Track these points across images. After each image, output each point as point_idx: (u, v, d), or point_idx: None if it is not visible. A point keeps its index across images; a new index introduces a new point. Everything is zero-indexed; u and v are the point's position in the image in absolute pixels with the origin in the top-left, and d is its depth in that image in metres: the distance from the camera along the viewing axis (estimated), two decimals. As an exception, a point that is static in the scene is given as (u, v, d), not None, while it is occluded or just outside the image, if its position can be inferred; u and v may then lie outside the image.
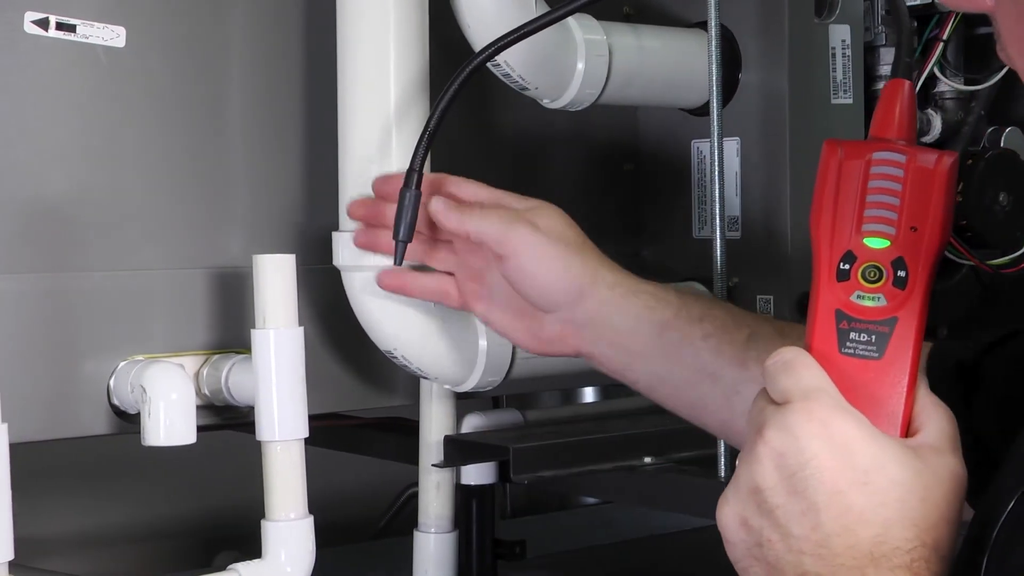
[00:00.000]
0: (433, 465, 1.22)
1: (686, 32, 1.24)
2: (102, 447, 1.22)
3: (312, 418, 0.99)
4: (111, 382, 1.00)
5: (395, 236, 0.94)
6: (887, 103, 0.74)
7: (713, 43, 1.14)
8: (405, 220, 0.94)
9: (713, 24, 1.13)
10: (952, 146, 1.28)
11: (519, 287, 0.93)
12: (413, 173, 0.94)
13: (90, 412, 1.00)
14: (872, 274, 0.69)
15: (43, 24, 0.97)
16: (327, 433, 1.33)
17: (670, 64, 1.21)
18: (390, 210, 0.95)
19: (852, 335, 0.69)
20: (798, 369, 0.67)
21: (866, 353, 0.69)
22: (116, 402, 1.01)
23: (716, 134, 1.15)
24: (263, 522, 0.98)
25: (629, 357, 0.93)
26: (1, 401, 0.85)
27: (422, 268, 1.01)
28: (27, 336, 0.97)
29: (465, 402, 1.25)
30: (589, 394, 1.84)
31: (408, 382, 1.18)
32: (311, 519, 0.99)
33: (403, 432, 1.33)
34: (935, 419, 0.67)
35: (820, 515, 0.64)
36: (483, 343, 1.08)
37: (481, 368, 1.08)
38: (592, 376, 1.22)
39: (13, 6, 0.96)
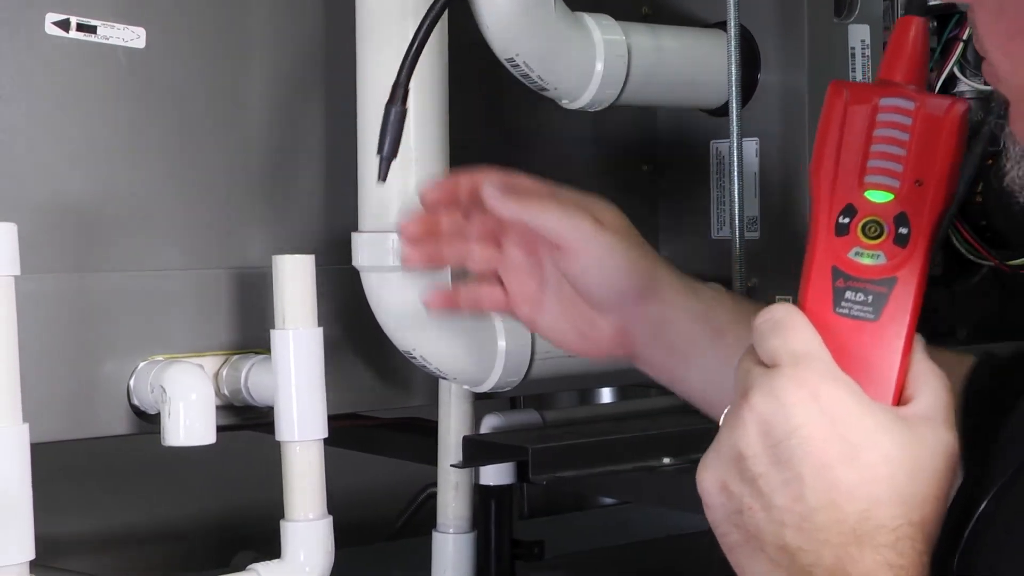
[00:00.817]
0: (452, 465, 1.22)
1: (705, 32, 1.24)
2: (122, 447, 1.22)
3: (331, 418, 1.00)
4: (131, 382, 1.01)
5: (379, 152, 0.89)
6: (897, 42, 0.69)
7: (732, 43, 1.13)
8: (390, 136, 0.89)
9: (732, 24, 1.13)
10: (972, 146, 1.27)
11: (579, 283, 0.87)
12: (399, 88, 0.90)
13: (110, 412, 1.00)
14: (872, 230, 0.65)
15: (64, 25, 0.98)
16: (346, 433, 1.33)
17: (689, 64, 1.21)
18: (444, 225, 0.88)
19: (848, 294, 0.65)
20: (789, 330, 0.64)
21: (861, 314, 0.65)
22: (136, 402, 1.01)
23: (735, 134, 1.15)
24: (282, 522, 0.99)
25: (684, 360, 0.89)
26: (22, 401, 0.86)
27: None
28: (47, 336, 0.97)
29: (483, 402, 1.25)
30: (607, 394, 1.84)
31: (427, 382, 1.18)
32: (330, 519, 0.99)
33: (421, 432, 1.33)
34: (930, 387, 0.64)
35: (804, 487, 0.62)
36: (502, 343, 1.08)
37: (500, 368, 1.08)
38: (610, 376, 1.22)
39: (34, 7, 0.96)
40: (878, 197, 0.65)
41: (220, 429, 0.98)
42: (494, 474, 1.27)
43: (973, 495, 0.67)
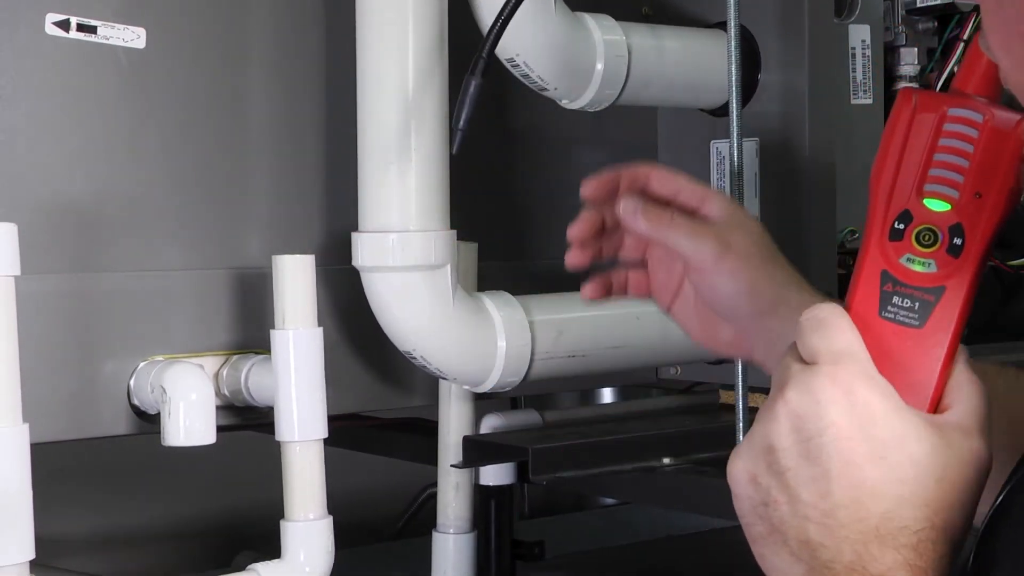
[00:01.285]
0: (452, 466, 1.22)
1: (705, 32, 1.24)
2: (122, 447, 1.22)
3: (331, 418, 1.00)
4: (131, 382, 1.01)
5: (454, 123, 0.90)
6: (974, 56, 0.68)
7: (732, 43, 1.13)
8: (466, 108, 0.90)
9: (732, 24, 1.13)
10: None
11: (704, 297, 0.90)
12: (480, 60, 0.90)
13: (110, 412, 1.00)
14: (927, 237, 0.65)
15: (64, 25, 0.98)
16: (346, 433, 1.33)
17: (689, 64, 1.21)
18: (610, 230, 0.90)
19: (895, 299, 0.65)
20: (831, 329, 0.64)
21: (907, 320, 0.65)
22: (136, 402, 1.01)
23: (735, 135, 1.15)
24: (282, 522, 0.99)
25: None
26: (22, 401, 0.86)
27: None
28: (48, 336, 0.97)
29: (484, 403, 1.25)
30: (607, 395, 1.84)
31: (427, 383, 1.18)
32: (330, 519, 0.99)
33: (422, 432, 1.33)
34: (967, 397, 0.65)
35: (831, 484, 0.62)
36: (502, 344, 1.08)
37: (500, 369, 1.08)
38: (610, 377, 1.22)
39: (34, 7, 0.97)
40: (936, 206, 0.65)
41: (220, 429, 0.98)
42: (494, 474, 1.27)
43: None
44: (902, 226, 0.66)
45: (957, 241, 0.65)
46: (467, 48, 1.06)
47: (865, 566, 0.62)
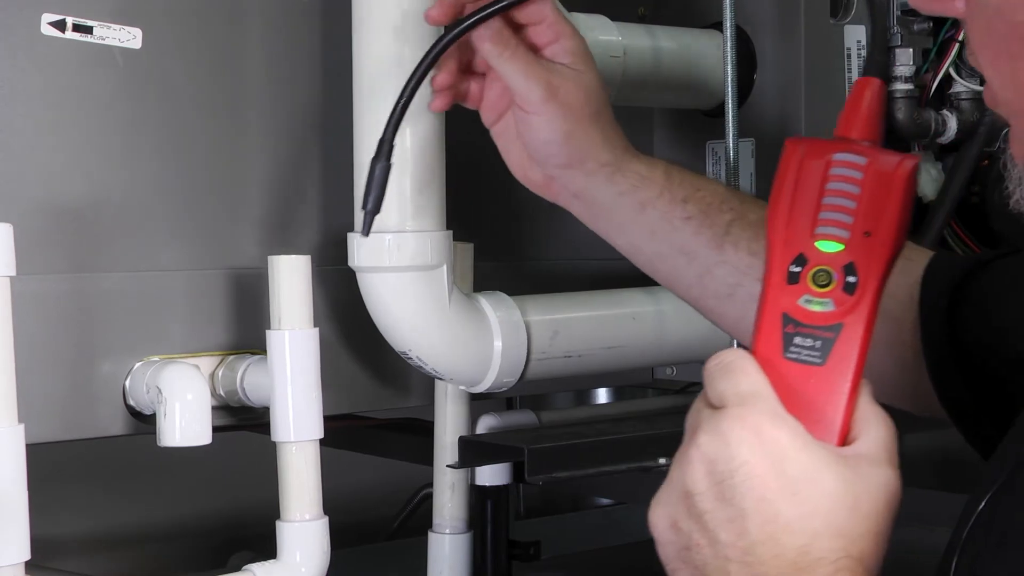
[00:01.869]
0: (448, 466, 1.22)
1: (701, 33, 1.24)
2: (118, 448, 1.22)
3: (327, 419, 1.00)
4: (127, 383, 1.01)
5: (363, 207, 0.92)
6: (854, 101, 0.73)
7: (728, 44, 1.13)
8: (374, 192, 0.91)
9: (728, 25, 1.13)
10: (968, 147, 1.27)
11: (520, 135, 0.94)
12: (384, 144, 0.92)
13: (106, 413, 1.00)
14: (822, 278, 0.68)
15: (60, 26, 0.98)
16: (342, 434, 1.33)
17: (685, 65, 1.21)
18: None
19: (797, 339, 0.67)
20: (737, 373, 0.67)
21: (809, 358, 0.67)
22: (132, 403, 1.01)
23: (731, 135, 1.15)
24: (278, 523, 0.99)
25: (607, 225, 0.96)
26: (18, 402, 0.86)
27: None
28: (43, 337, 0.97)
29: (479, 403, 1.25)
30: (603, 395, 1.84)
31: (423, 383, 1.18)
32: (326, 520, 0.99)
33: (418, 433, 1.33)
34: (874, 428, 0.67)
35: (747, 522, 0.64)
36: (498, 344, 1.08)
37: (496, 369, 1.08)
38: (606, 378, 1.22)
39: (30, 7, 0.96)
40: (828, 247, 0.68)
41: (216, 430, 0.98)
42: (490, 474, 1.27)
43: (972, 495, 0.68)
44: (798, 269, 0.68)
45: (851, 279, 0.67)
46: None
47: None
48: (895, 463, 0.66)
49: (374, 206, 0.91)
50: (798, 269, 0.68)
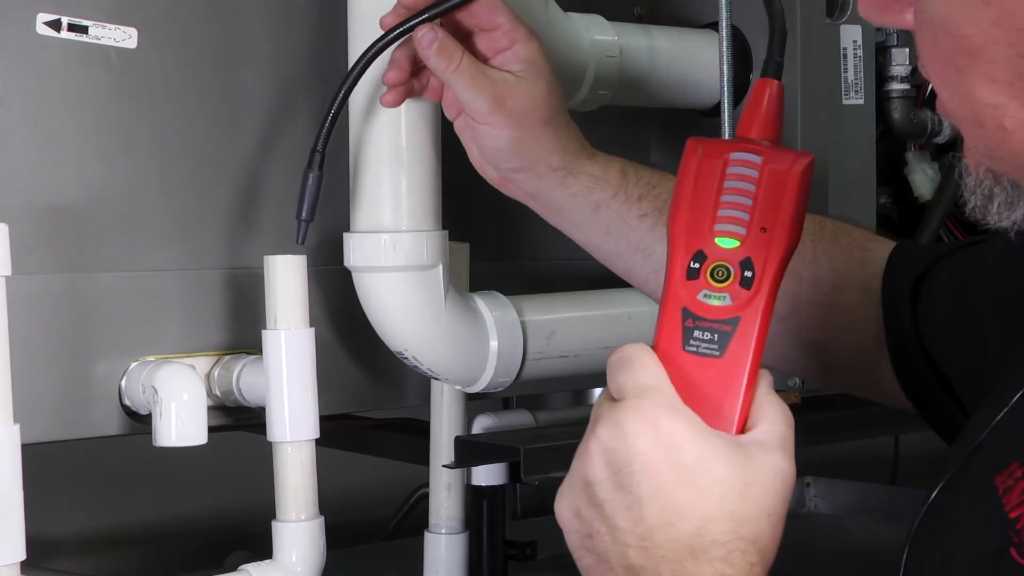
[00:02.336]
0: (444, 466, 1.22)
1: (697, 33, 1.24)
2: (114, 448, 1.22)
3: (323, 419, 1.00)
4: (123, 383, 1.01)
5: (297, 216, 0.95)
6: (753, 103, 0.75)
7: (724, 43, 1.13)
8: (307, 201, 0.94)
9: (724, 24, 1.13)
10: (961, 147, 1.27)
11: (472, 138, 0.96)
12: (316, 154, 0.95)
13: (102, 413, 1.00)
14: (720, 273, 0.70)
15: (55, 25, 0.98)
16: (338, 434, 1.33)
17: (681, 65, 1.21)
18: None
19: (696, 333, 0.70)
20: (636, 367, 0.69)
21: (708, 351, 0.69)
22: (128, 403, 1.01)
23: (727, 134, 1.15)
24: (274, 523, 0.99)
25: (563, 224, 0.99)
26: (13, 402, 0.86)
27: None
28: (39, 337, 0.97)
29: (475, 403, 1.25)
30: (599, 395, 1.84)
31: (419, 383, 1.18)
32: (322, 520, 0.99)
33: (414, 433, 1.33)
34: (769, 417, 0.69)
35: (644, 509, 0.66)
36: (494, 344, 1.08)
37: (492, 369, 1.08)
38: (603, 378, 1.21)
39: (26, 7, 0.96)
40: (726, 243, 0.70)
41: (212, 430, 0.98)
42: (486, 474, 1.27)
43: (929, 487, 0.70)
44: (697, 265, 0.70)
45: (748, 274, 0.70)
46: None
47: None
48: (789, 450, 0.69)
49: (308, 215, 0.95)
50: (697, 265, 0.70)
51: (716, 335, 0.69)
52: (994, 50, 0.58)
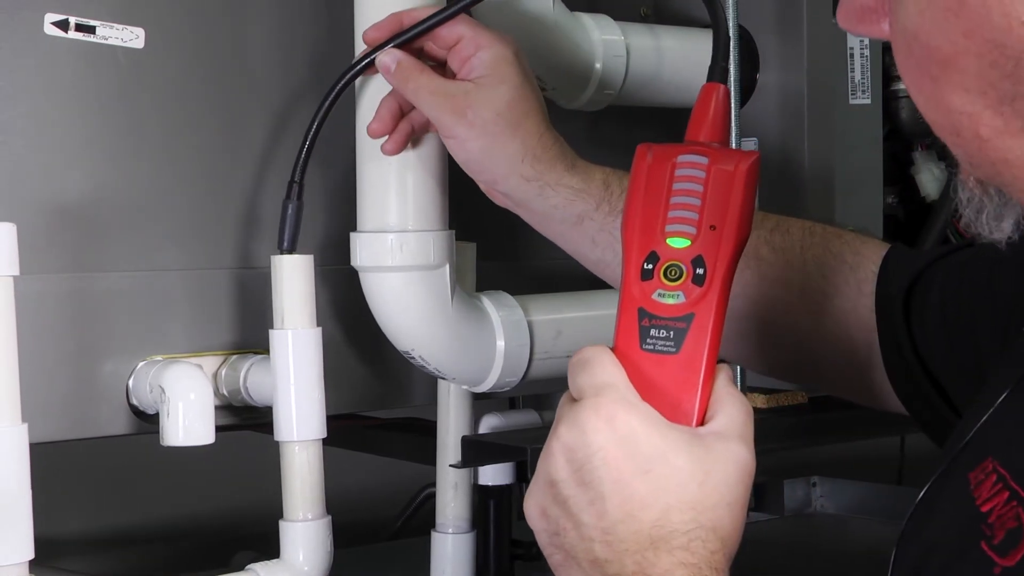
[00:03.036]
0: (451, 466, 1.22)
1: (704, 32, 1.24)
2: (121, 447, 1.22)
3: (330, 418, 1.00)
4: (130, 382, 1.01)
5: (279, 245, 0.98)
6: (701, 107, 0.78)
7: (731, 44, 1.13)
8: (288, 232, 0.98)
9: (731, 25, 1.13)
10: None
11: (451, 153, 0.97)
12: (294, 185, 0.97)
13: (109, 412, 1.00)
14: (673, 272, 0.72)
15: (63, 25, 0.98)
16: (345, 433, 1.33)
17: (688, 65, 1.21)
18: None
19: (652, 331, 0.71)
20: (594, 366, 0.71)
21: (664, 348, 0.71)
22: (135, 402, 1.01)
23: (734, 135, 1.15)
24: (281, 522, 0.99)
25: (548, 234, 0.99)
26: (21, 401, 0.86)
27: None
28: (47, 336, 0.97)
29: (482, 403, 1.25)
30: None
31: (425, 382, 1.18)
32: (328, 519, 0.99)
33: (420, 432, 1.34)
34: (727, 409, 0.70)
35: (606, 504, 0.68)
36: (501, 343, 1.08)
37: (499, 369, 1.08)
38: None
39: (33, 7, 0.97)
40: (678, 243, 0.72)
41: (219, 429, 0.98)
42: (493, 474, 1.27)
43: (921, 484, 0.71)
44: (651, 266, 0.72)
45: (700, 271, 0.72)
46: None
47: (646, 572, 0.67)
48: (748, 439, 0.70)
49: (289, 245, 0.98)
50: (651, 266, 0.72)
51: (672, 332, 0.71)
52: (965, 60, 0.58)
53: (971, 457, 0.67)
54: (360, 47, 1.01)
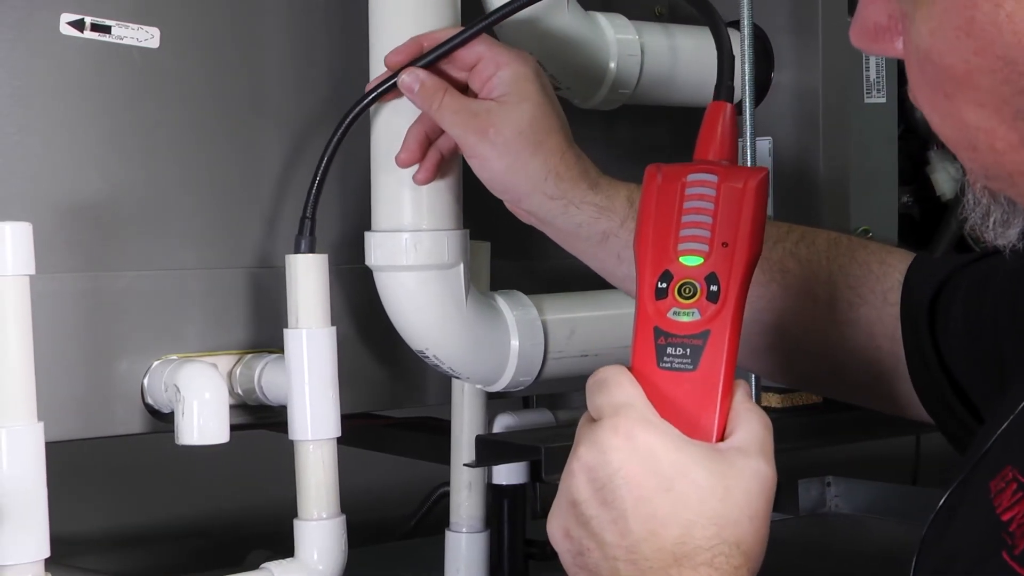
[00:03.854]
0: (465, 465, 1.22)
1: (718, 31, 1.24)
2: (136, 446, 1.22)
3: (344, 417, 1.00)
4: (145, 381, 1.01)
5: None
6: (709, 126, 0.79)
7: (746, 42, 1.13)
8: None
9: (746, 23, 1.13)
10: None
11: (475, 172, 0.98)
12: (306, 221, 0.98)
13: (124, 411, 1.01)
14: (687, 290, 0.72)
15: (78, 25, 0.98)
16: (359, 432, 1.34)
17: (702, 63, 1.21)
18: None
19: (669, 350, 0.72)
20: (612, 387, 0.71)
21: (682, 366, 0.72)
22: (150, 401, 1.01)
23: (749, 133, 1.15)
24: (295, 521, 0.99)
25: (573, 251, 1.00)
26: (37, 400, 0.86)
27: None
28: (62, 335, 0.97)
29: (496, 402, 1.25)
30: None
31: (440, 382, 1.18)
32: (343, 518, 0.99)
33: (434, 432, 1.34)
34: (746, 424, 0.71)
35: (628, 522, 0.68)
36: (515, 343, 1.08)
37: (513, 368, 1.08)
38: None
39: (49, 7, 0.97)
40: (690, 261, 0.73)
41: (234, 428, 0.98)
42: (507, 473, 1.27)
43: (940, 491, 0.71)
44: (664, 284, 0.73)
45: (714, 288, 0.72)
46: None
47: None
48: (768, 454, 0.70)
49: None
50: (664, 285, 0.73)
51: (688, 350, 0.71)
52: (978, 78, 0.59)
53: (991, 465, 0.67)
54: (376, 44, 1.01)
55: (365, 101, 0.98)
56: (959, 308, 0.90)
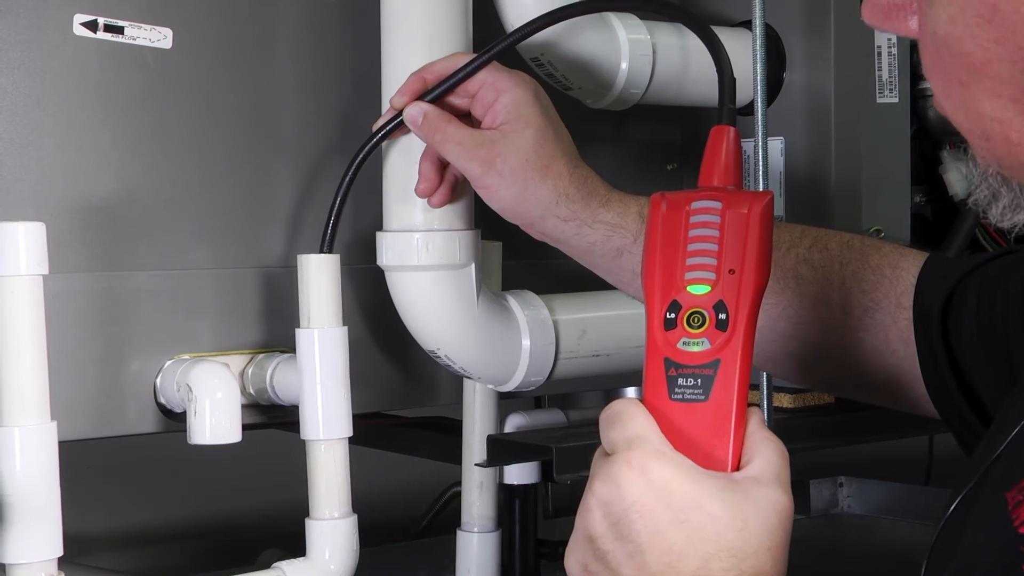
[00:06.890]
0: (476, 465, 1.23)
1: (730, 31, 1.24)
2: (149, 445, 1.23)
3: (356, 417, 1.00)
4: (158, 381, 1.01)
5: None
6: (712, 151, 0.78)
7: (758, 42, 1.13)
8: None
9: (758, 23, 1.13)
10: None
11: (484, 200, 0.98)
12: (326, 238, 0.98)
13: (137, 410, 1.01)
14: (696, 320, 0.72)
15: (92, 26, 0.98)
16: (371, 432, 1.34)
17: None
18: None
19: (680, 381, 0.71)
20: (624, 420, 0.70)
21: (693, 397, 0.71)
22: (163, 401, 1.01)
23: (760, 133, 1.14)
24: (307, 520, 0.99)
25: (589, 267, 0.99)
26: (50, 399, 0.86)
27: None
28: (75, 335, 0.98)
29: (508, 402, 1.25)
30: (631, 393, 1.83)
31: (451, 382, 1.18)
32: (355, 518, 0.99)
33: (446, 431, 1.34)
34: (762, 453, 0.70)
35: (645, 556, 0.67)
36: (526, 343, 1.08)
37: (524, 368, 1.08)
38: (635, 377, 1.21)
39: (62, 8, 0.97)
40: (698, 290, 0.72)
41: (246, 428, 0.98)
42: (518, 473, 1.27)
43: (950, 496, 0.70)
44: (673, 315, 0.72)
45: (722, 316, 0.71)
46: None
47: None
48: (784, 483, 0.70)
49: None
50: (673, 315, 0.72)
51: (699, 380, 0.71)
52: (997, 67, 0.58)
53: (1006, 474, 0.66)
54: (387, 45, 1.01)
55: (374, 140, 0.99)
56: (971, 311, 0.89)
